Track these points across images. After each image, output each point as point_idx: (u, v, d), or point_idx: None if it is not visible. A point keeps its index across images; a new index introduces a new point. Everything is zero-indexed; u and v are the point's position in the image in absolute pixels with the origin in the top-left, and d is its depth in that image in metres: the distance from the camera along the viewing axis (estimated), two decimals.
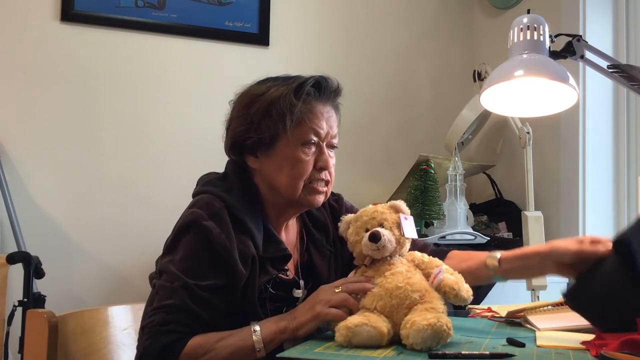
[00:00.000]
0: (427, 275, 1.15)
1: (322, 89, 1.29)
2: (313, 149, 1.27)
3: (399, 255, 1.19)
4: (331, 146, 1.30)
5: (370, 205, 1.22)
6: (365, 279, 1.16)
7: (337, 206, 1.43)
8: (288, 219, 1.35)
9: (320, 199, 1.29)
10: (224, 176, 1.33)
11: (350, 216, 1.24)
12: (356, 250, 1.21)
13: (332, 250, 1.38)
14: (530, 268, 1.23)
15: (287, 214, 1.33)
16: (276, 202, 1.30)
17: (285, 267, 1.30)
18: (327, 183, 1.30)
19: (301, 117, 1.24)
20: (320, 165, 1.27)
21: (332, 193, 1.41)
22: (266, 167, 1.28)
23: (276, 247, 1.27)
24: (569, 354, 1.00)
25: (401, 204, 1.22)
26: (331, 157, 1.30)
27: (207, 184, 1.30)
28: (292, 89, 1.25)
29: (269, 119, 1.24)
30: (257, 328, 1.15)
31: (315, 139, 1.26)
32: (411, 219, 1.21)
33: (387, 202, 1.24)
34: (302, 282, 1.33)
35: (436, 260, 1.18)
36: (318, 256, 1.36)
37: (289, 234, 1.38)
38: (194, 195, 1.31)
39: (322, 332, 1.18)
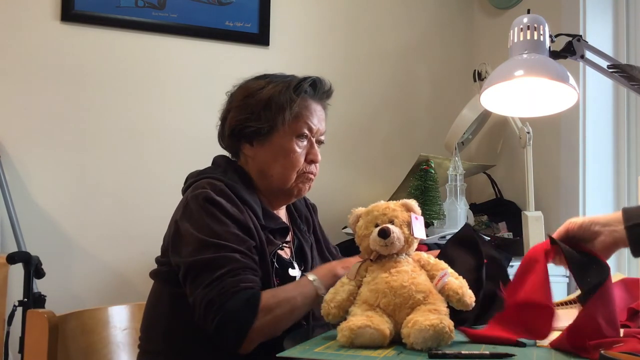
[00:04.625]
0: (431, 277, 1.15)
1: (317, 89, 1.41)
2: (305, 142, 1.39)
3: (406, 254, 1.18)
4: (319, 142, 1.43)
5: (382, 201, 1.22)
6: None
7: (314, 208, 1.60)
8: (277, 207, 1.46)
9: (307, 189, 1.42)
10: (214, 167, 1.43)
11: (360, 209, 1.24)
12: (363, 244, 1.20)
13: (312, 240, 1.52)
14: None
15: (275, 202, 1.44)
16: (266, 191, 1.41)
17: (287, 240, 1.41)
18: (314, 175, 1.42)
19: (298, 112, 1.37)
20: (310, 159, 1.40)
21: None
22: (261, 155, 1.39)
23: (275, 221, 1.38)
24: (569, 354, 1.00)
25: (413, 203, 1.22)
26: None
27: (201, 173, 1.39)
28: (291, 85, 1.37)
29: (269, 111, 1.35)
30: (313, 277, 1.25)
31: (307, 133, 1.39)
32: (421, 219, 1.21)
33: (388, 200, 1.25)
34: (295, 264, 1.42)
35: (442, 263, 1.18)
36: (304, 243, 1.48)
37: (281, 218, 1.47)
38: (186, 189, 1.39)
39: (325, 329, 1.18)
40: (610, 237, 1.08)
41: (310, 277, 1.26)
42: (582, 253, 1.11)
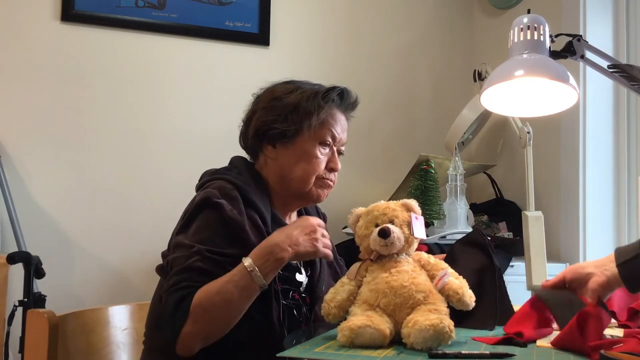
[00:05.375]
0: (431, 277, 1.15)
1: (343, 99, 1.42)
2: (327, 150, 1.40)
3: (406, 254, 1.19)
4: (339, 152, 1.44)
5: (382, 201, 1.22)
6: None
7: (324, 217, 1.59)
8: (291, 210, 1.47)
9: (325, 195, 1.42)
10: (230, 167, 1.43)
11: (360, 209, 1.24)
12: (363, 244, 1.21)
13: None
14: None
15: (291, 205, 1.45)
16: (283, 193, 1.41)
17: None
18: (333, 183, 1.42)
19: (324, 119, 1.38)
20: (331, 166, 1.41)
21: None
22: (282, 158, 1.39)
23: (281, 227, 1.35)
24: (569, 354, 1.00)
25: (413, 203, 1.22)
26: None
27: (216, 173, 1.39)
28: (320, 92, 1.38)
29: (296, 114, 1.37)
30: (251, 265, 1.21)
31: (330, 141, 1.40)
32: (422, 219, 1.22)
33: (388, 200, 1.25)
34: (302, 269, 1.41)
35: (442, 263, 1.19)
36: None
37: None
38: (199, 187, 1.38)
39: (327, 328, 1.18)
40: (602, 277, 1.11)
41: (247, 263, 1.21)
42: (566, 296, 1.15)
